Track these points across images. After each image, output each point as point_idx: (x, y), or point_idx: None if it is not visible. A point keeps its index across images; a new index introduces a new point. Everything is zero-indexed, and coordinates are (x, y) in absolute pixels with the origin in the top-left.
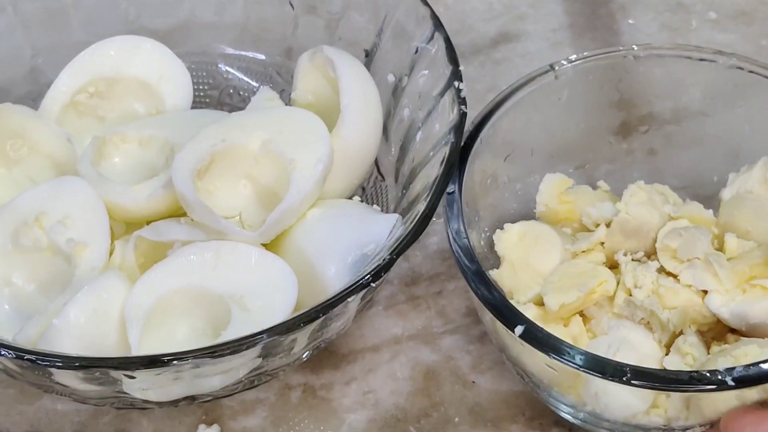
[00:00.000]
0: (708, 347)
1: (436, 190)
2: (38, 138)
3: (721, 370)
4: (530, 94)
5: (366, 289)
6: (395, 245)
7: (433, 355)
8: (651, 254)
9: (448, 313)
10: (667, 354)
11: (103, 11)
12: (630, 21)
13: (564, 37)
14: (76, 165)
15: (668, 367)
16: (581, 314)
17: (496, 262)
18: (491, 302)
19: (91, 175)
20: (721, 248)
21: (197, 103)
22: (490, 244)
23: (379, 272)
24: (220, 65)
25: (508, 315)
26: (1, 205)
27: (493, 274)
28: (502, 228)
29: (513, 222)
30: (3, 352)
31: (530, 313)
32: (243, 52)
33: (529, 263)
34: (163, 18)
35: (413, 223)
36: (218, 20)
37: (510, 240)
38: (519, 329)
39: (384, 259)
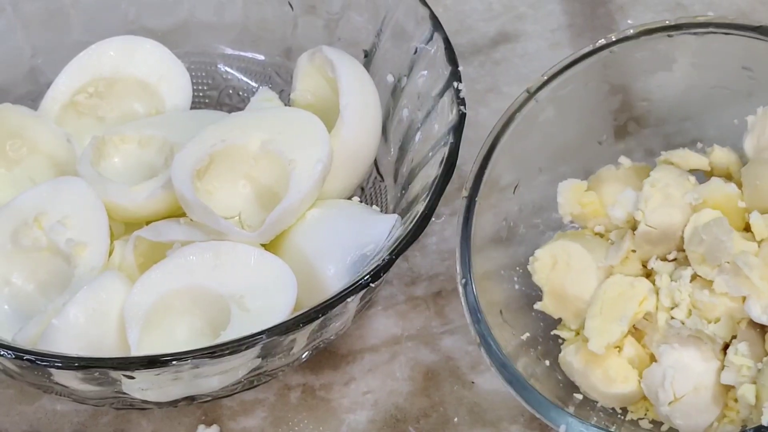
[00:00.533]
0: (763, 338)
1: (435, 191)
2: (38, 138)
3: (765, 424)
4: (522, 120)
5: (365, 290)
6: (394, 245)
7: (433, 355)
8: (683, 249)
9: (447, 314)
10: (723, 358)
11: (103, 11)
12: (629, 21)
13: (563, 38)
14: (76, 165)
15: (726, 383)
16: (634, 327)
17: (538, 293)
18: (530, 403)
19: (90, 175)
20: (747, 231)
21: (196, 104)
22: (527, 277)
23: (378, 272)
24: (219, 65)
25: (551, 415)
26: (1, 204)
27: (539, 306)
28: (533, 255)
29: (542, 232)
30: (2, 352)
31: (580, 356)
32: (242, 53)
33: (568, 291)
34: (163, 18)
35: (412, 224)
36: (218, 20)
37: (544, 268)
38: (563, 428)
39: (383, 260)
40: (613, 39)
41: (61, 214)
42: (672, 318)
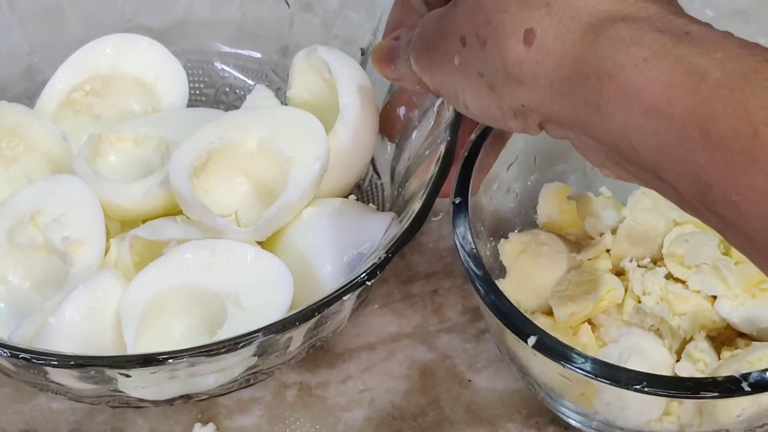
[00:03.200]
0: (718, 352)
1: (431, 189)
2: (34, 136)
3: (737, 375)
4: None
5: (362, 288)
6: (391, 244)
7: (429, 353)
8: (657, 260)
9: (444, 312)
10: (677, 361)
11: (100, 9)
12: None
13: None
14: (72, 163)
15: (680, 374)
16: (589, 322)
17: (501, 272)
18: (502, 311)
19: (86, 173)
20: (727, 253)
21: (193, 102)
22: (495, 254)
23: (374, 271)
24: (216, 63)
25: (520, 324)
26: None
27: (499, 284)
28: (506, 237)
29: (517, 230)
30: None
31: (539, 322)
32: (239, 50)
33: (535, 273)
34: (160, 16)
35: (409, 222)
36: (214, 18)
37: (515, 250)
38: (532, 339)
39: (379, 258)
40: None
41: (57, 212)
42: (639, 302)
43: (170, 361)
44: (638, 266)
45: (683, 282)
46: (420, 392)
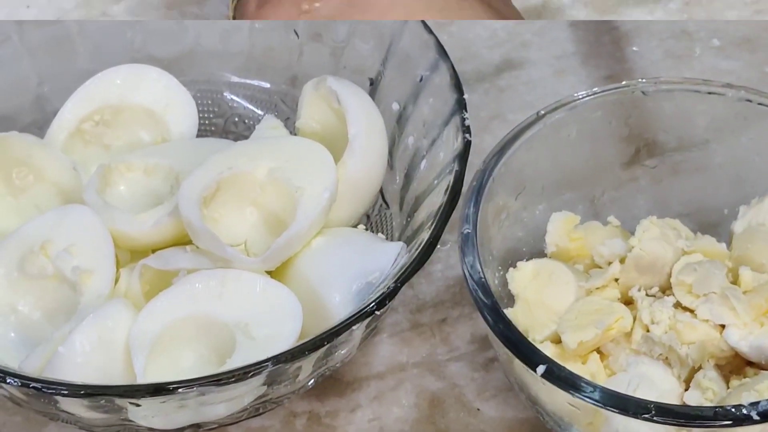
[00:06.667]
0: (727, 381)
1: (440, 218)
2: (44, 166)
3: (745, 404)
4: (541, 130)
5: (371, 317)
6: (400, 273)
7: (438, 382)
8: (666, 289)
9: (452, 341)
10: (686, 389)
11: (109, 40)
12: (634, 48)
13: (568, 65)
14: (82, 193)
15: (689, 403)
16: (598, 351)
17: (510, 300)
18: (511, 340)
19: (96, 203)
20: (735, 282)
21: (202, 131)
22: (504, 283)
23: (383, 300)
24: (225, 93)
25: (529, 353)
26: (8, 233)
27: (508, 312)
28: (515, 266)
29: (525, 259)
30: (9, 380)
31: (547, 351)
32: (248, 81)
33: (544, 301)
34: (169, 46)
35: (418, 251)
36: (223, 48)
37: (523, 278)
38: (541, 369)
39: (388, 287)
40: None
41: (67, 242)
42: (648, 331)
43: (180, 390)
44: (646, 295)
45: (692, 311)
46: (429, 421)
